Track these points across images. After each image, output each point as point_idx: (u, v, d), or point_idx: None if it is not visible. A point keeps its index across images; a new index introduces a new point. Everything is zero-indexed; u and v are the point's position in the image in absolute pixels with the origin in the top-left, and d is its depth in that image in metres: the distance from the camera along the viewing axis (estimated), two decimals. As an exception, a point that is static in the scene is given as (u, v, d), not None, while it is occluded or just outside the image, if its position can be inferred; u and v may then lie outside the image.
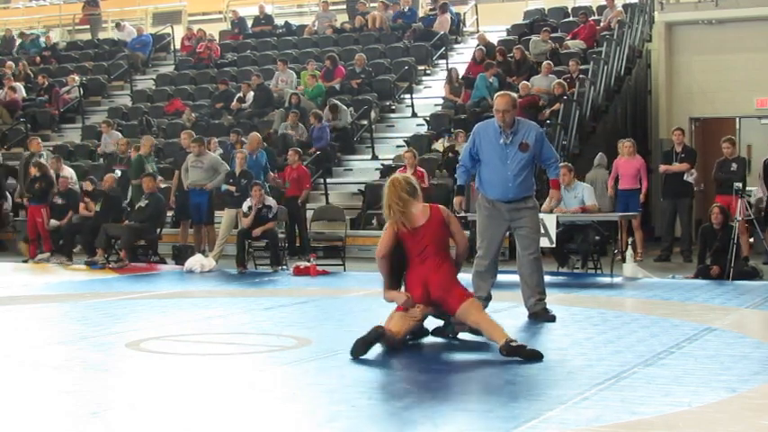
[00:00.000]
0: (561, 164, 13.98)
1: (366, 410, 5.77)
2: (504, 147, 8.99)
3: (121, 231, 15.60)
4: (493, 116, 9.32)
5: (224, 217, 15.51)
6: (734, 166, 15.08)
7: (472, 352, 7.74)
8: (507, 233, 9.44)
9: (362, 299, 11.18)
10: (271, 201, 14.88)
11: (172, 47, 26.82)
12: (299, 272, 13.85)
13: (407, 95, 21.19)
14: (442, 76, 21.54)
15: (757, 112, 20.12)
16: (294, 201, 16.32)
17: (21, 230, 18.12)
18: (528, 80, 19.12)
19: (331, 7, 25.72)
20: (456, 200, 9.76)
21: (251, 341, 8.33)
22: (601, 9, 22.53)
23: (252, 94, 21.23)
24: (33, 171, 17.11)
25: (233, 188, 15.40)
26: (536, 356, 7.09)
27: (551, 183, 9.64)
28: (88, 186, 16.83)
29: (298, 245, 16.33)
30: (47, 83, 24.20)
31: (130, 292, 12.28)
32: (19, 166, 18.96)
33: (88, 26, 29.56)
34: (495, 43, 21.88)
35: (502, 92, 9.61)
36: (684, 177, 15.50)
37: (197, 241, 16.15)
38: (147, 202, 15.78)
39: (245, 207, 14.66)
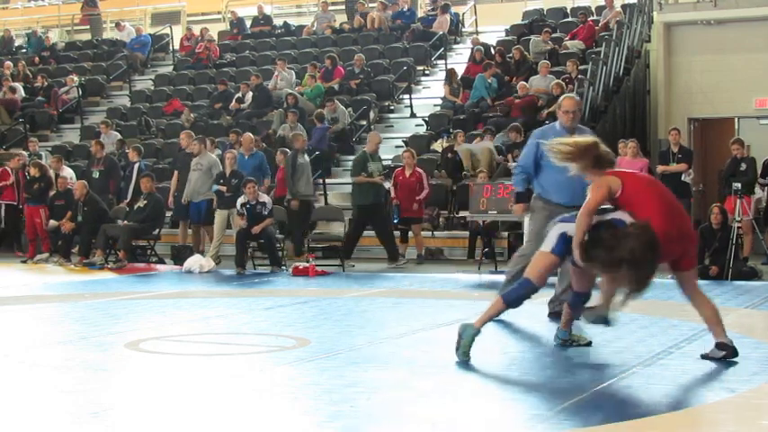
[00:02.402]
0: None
1: (366, 410, 5.77)
2: None
3: (120, 232, 15.60)
4: (491, 116, 9.29)
5: (216, 218, 15.51)
6: (743, 167, 15.12)
7: (470, 353, 7.74)
8: None
9: (361, 299, 11.19)
10: (265, 197, 14.86)
11: (171, 47, 26.82)
12: (297, 272, 13.85)
13: (406, 96, 21.19)
14: (441, 77, 21.55)
15: (756, 113, 20.12)
16: (281, 200, 16.28)
17: (20, 230, 18.11)
18: (527, 80, 19.14)
19: (330, 7, 25.72)
20: (519, 207, 9.45)
21: (250, 341, 8.33)
22: (600, 9, 22.54)
23: (251, 94, 21.23)
24: (32, 171, 17.11)
25: (224, 188, 15.39)
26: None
27: None
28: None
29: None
30: (45, 83, 24.19)
31: (129, 292, 12.28)
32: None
33: (87, 26, 29.54)
34: (494, 44, 21.90)
35: (568, 94, 9.61)
36: (682, 178, 15.51)
37: (195, 241, 16.15)
38: (145, 202, 15.78)
39: (238, 205, 14.65)
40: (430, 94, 21.57)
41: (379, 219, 15.24)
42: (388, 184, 15.70)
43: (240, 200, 14.65)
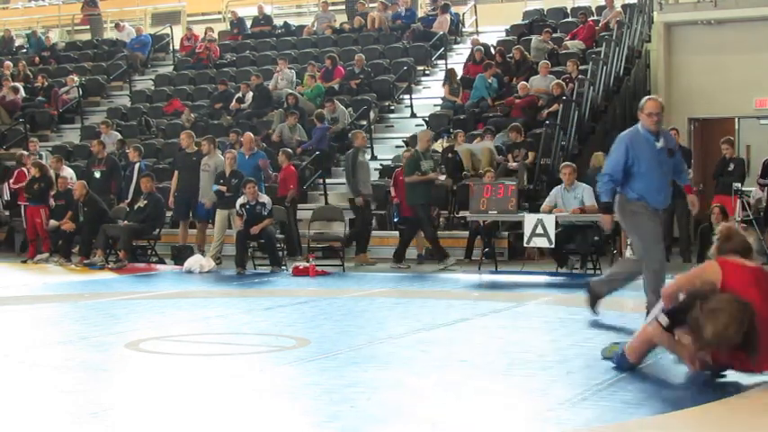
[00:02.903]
0: (565, 164, 14.07)
1: (366, 410, 5.77)
2: (659, 152, 8.63)
3: (120, 232, 15.59)
4: (491, 116, 9.27)
5: (216, 218, 15.52)
6: (731, 167, 15.13)
7: (470, 353, 7.75)
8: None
9: (361, 299, 11.19)
10: (265, 198, 14.86)
11: (171, 47, 26.83)
12: (298, 272, 13.85)
13: (406, 96, 21.19)
14: (441, 77, 21.54)
15: (756, 113, 20.12)
16: (283, 201, 16.27)
17: (19, 230, 18.09)
18: (527, 80, 19.13)
19: (330, 7, 25.71)
20: (608, 219, 8.98)
21: (250, 341, 8.33)
22: (600, 9, 22.53)
23: (251, 94, 21.23)
24: (33, 171, 17.10)
25: (224, 188, 15.38)
26: None
27: (686, 189, 9.36)
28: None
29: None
30: (46, 83, 24.19)
31: (130, 292, 12.28)
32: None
33: (87, 26, 29.54)
34: (495, 44, 21.89)
35: (651, 96, 9.26)
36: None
37: (199, 240, 16.15)
38: (145, 202, 15.77)
39: (237, 205, 14.66)
40: (430, 94, 21.57)
41: (422, 219, 14.86)
42: (443, 178, 15.35)
43: (240, 200, 14.65)
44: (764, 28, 19.64)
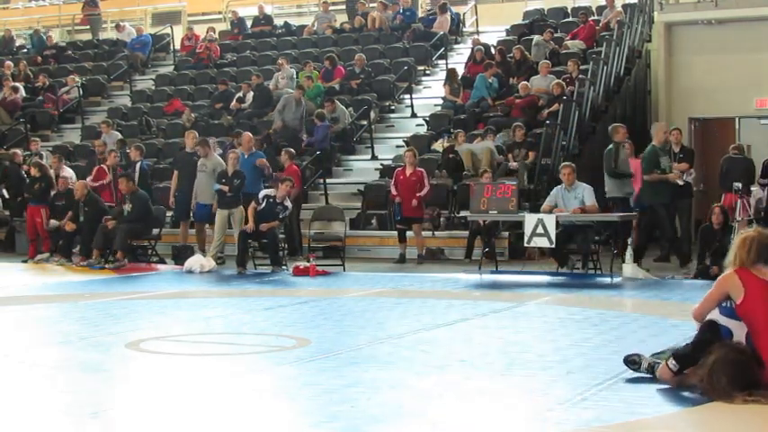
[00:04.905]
0: (565, 164, 14.04)
1: (366, 410, 5.77)
2: None
3: (116, 232, 15.52)
4: (491, 116, 9.25)
5: (216, 218, 15.49)
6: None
7: (470, 353, 7.75)
8: None
9: (361, 299, 11.19)
10: (288, 203, 14.81)
11: (171, 47, 26.83)
12: (298, 272, 13.84)
13: (407, 96, 21.19)
14: (442, 77, 21.53)
15: (757, 113, 20.11)
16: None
17: (21, 230, 18.09)
18: (527, 80, 19.13)
19: (330, 7, 25.71)
20: None
21: (250, 341, 8.34)
22: (600, 9, 22.53)
23: (251, 94, 21.23)
24: (33, 171, 17.09)
25: (225, 188, 15.36)
26: None
27: None
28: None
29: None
30: (47, 83, 24.19)
31: (130, 292, 12.28)
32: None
33: (88, 26, 29.53)
34: (495, 43, 21.89)
35: None
36: (684, 177, 15.49)
37: (200, 241, 16.13)
38: (130, 204, 15.60)
39: (261, 194, 14.62)
40: (430, 93, 21.56)
41: (663, 219, 14.09)
42: (681, 182, 14.60)
43: (266, 191, 14.63)
44: (764, 28, 19.63)
